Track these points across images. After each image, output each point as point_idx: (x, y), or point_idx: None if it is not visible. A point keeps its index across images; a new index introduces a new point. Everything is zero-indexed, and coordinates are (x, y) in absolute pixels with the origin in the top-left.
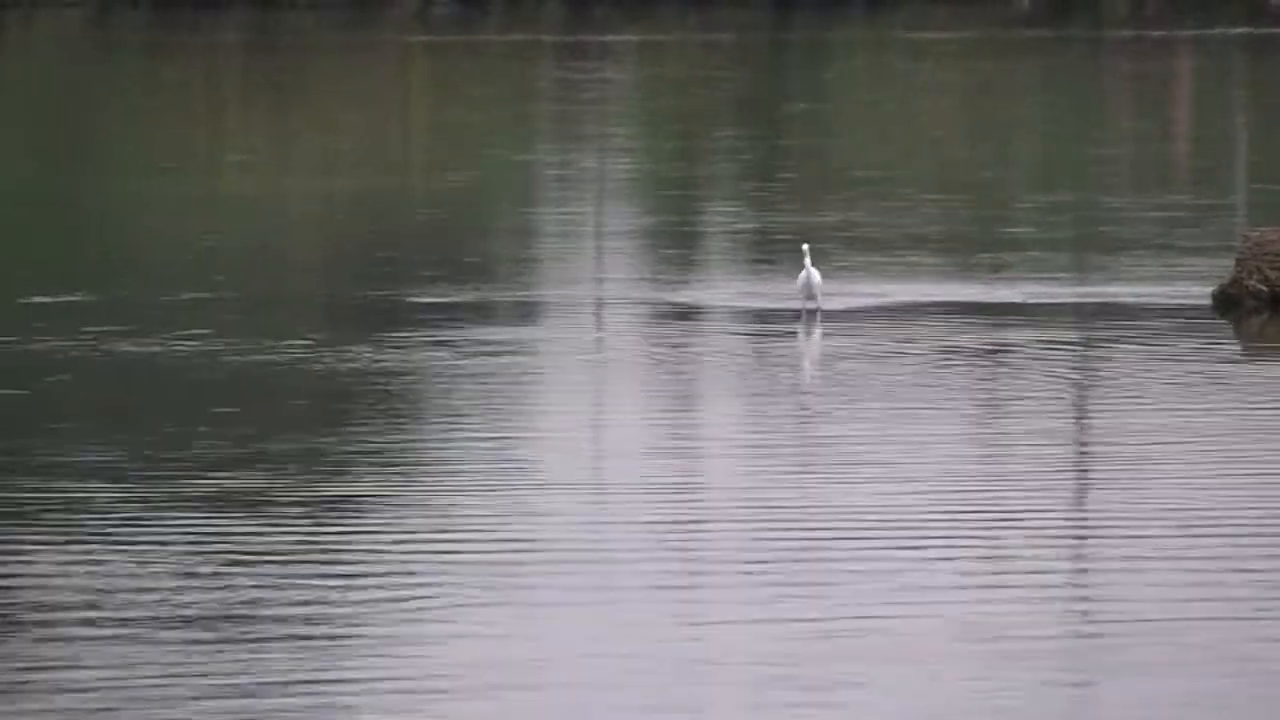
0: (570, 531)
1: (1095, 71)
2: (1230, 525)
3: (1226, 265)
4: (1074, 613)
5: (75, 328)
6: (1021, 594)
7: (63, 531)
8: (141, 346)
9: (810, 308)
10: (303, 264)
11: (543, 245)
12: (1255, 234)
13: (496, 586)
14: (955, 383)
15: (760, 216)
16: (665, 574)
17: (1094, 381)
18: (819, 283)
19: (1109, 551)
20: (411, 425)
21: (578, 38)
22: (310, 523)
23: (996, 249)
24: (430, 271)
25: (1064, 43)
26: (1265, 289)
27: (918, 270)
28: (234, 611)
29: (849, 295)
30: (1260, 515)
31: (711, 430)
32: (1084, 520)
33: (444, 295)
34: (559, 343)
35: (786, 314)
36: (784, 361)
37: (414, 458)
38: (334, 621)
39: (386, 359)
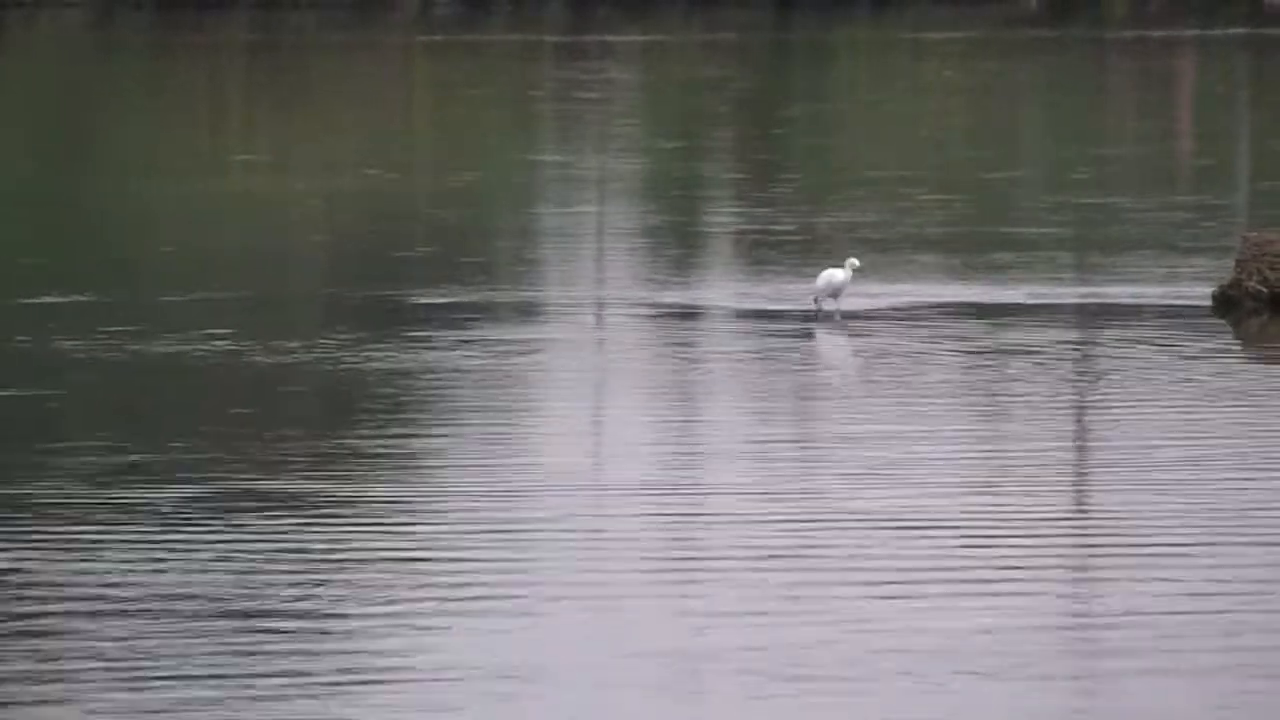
0: (572, 530)
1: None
2: (1232, 525)
3: (1227, 266)
4: (1075, 612)
5: (78, 328)
6: (1022, 593)
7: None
8: (144, 347)
9: (828, 308)
10: (305, 264)
11: (545, 245)
12: (1255, 235)
13: (497, 584)
14: (956, 382)
15: (763, 217)
16: (666, 571)
17: (1094, 382)
18: (843, 282)
19: (1110, 551)
20: (413, 425)
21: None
22: (310, 521)
23: (997, 249)
24: (432, 271)
25: (1066, 43)
26: (1265, 290)
27: (919, 270)
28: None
29: (851, 295)
30: (1262, 515)
31: (713, 429)
32: (1085, 520)
33: (446, 295)
34: (562, 342)
35: (789, 314)
36: (785, 361)
37: (414, 457)
38: (331, 619)
39: (389, 359)
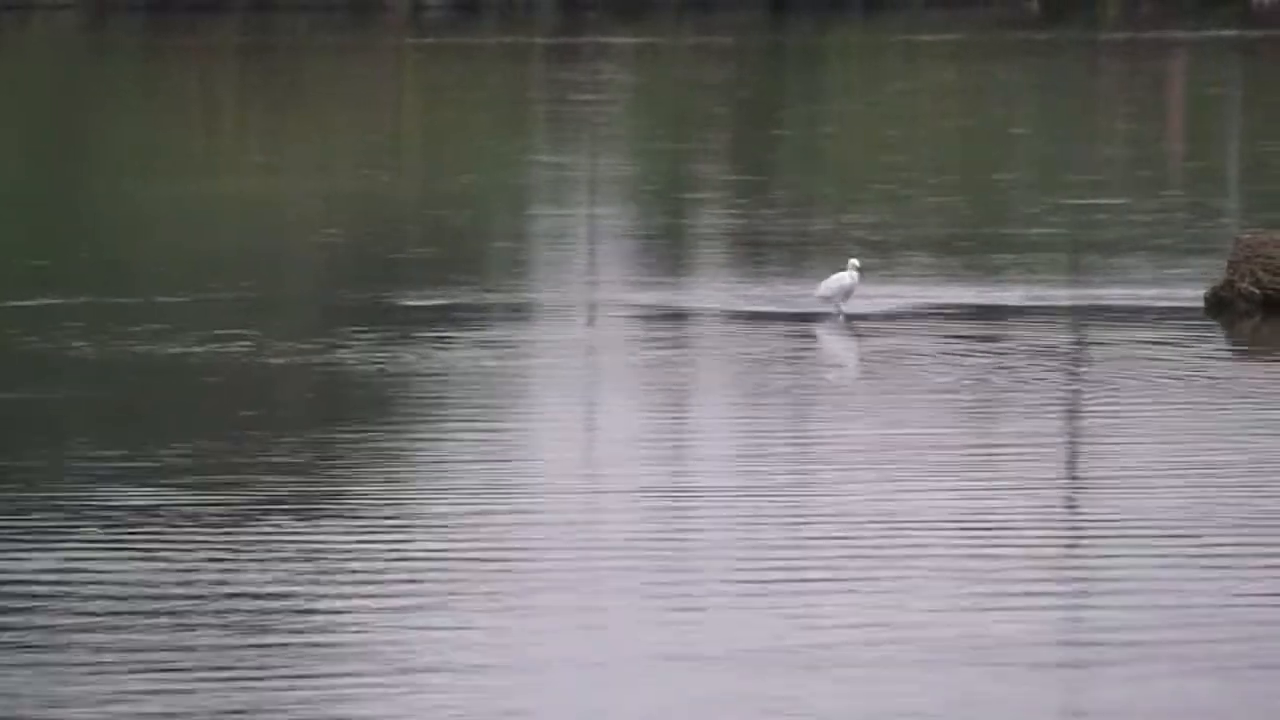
0: (564, 531)
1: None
2: (1224, 527)
3: (1219, 268)
4: (1067, 615)
5: (72, 330)
6: (1014, 596)
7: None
8: (138, 349)
9: (837, 311)
10: (297, 266)
11: (537, 247)
12: (1248, 236)
13: (490, 584)
14: (949, 385)
15: (757, 219)
16: (658, 573)
17: (1086, 384)
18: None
19: (1102, 553)
20: (405, 426)
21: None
22: (304, 522)
23: (990, 251)
24: (426, 273)
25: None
26: (1258, 291)
27: (913, 272)
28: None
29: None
30: (1254, 517)
31: (705, 431)
32: (1077, 522)
33: (440, 297)
34: (556, 344)
35: (783, 316)
36: (778, 364)
37: (408, 458)
38: (326, 618)
39: (383, 360)
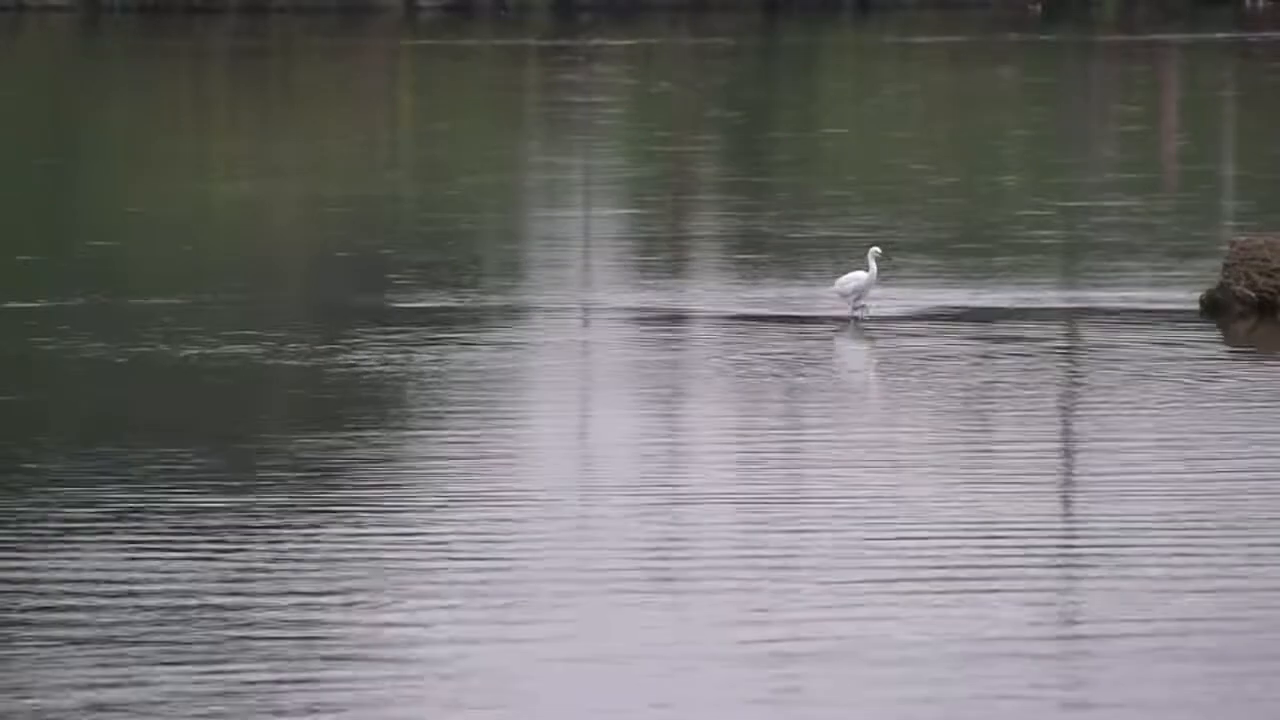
0: (557, 532)
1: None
2: (1219, 526)
3: (1214, 270)
4: (1062, 616)
5: (66, 332)
6: (1010, 597)
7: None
8: (127, 352)
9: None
10: (290, 268)
11: (533, 249)
12: (1243, 239)
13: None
14: (942, 387)
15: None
16: (651, 573)
17: (1082, 386)
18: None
19: (1097, 555)
20: (402, 428)
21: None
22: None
23: (985, 254)
24: (420, 275)
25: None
26: (1252, 294)
27: (907, 274)
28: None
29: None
30: (1248, 519)
31: (702, 431)
32: (1072, 524)
33: (433, 299)
34: (550, 346)
35: (777, 319)
36: (775, 366)
37: (404, 460)
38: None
39: (375, 363)
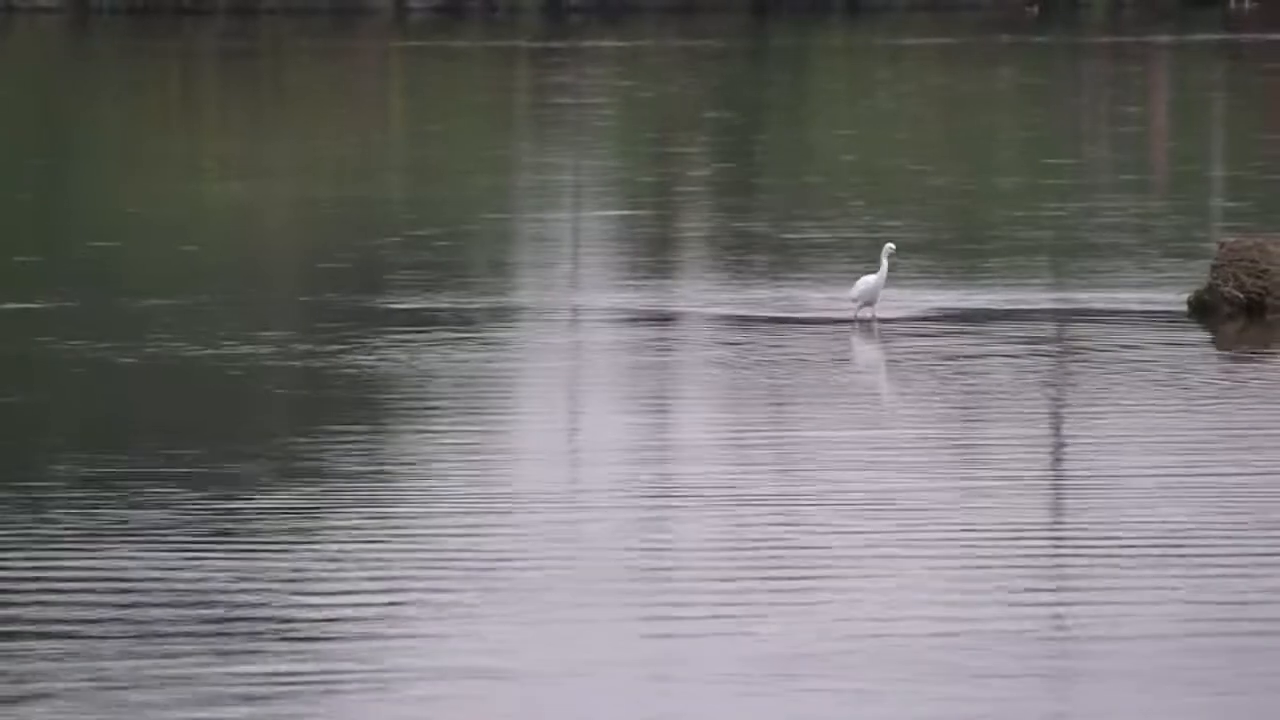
0: (547, 533)
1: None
2: (1209, 529)
3: (1202, 271)
4: (1050, 619)
5: (59, 333)
6: (997, 600)
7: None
8: (118, 353)
9: (865, 316)
10: (281, 270)
11: (523, 250)
12: (1231, 240)
13: (478, 583)
14: (932, 389)
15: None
16: (641, 576)
17: (1070, 387)
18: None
19: (1084, 557)
20: (391, 429)
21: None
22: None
23: (973, 255)
24: (409, 276)
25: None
26: (1241, 295)
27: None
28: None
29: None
30: (1236, 521)
31: (692, 431)
32: (1060, 526)
33: (423, 300)
34: (540, 347)
35: (768, 320)
36: (766, 366)
37: (394, 461)
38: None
39: (365, 365)
